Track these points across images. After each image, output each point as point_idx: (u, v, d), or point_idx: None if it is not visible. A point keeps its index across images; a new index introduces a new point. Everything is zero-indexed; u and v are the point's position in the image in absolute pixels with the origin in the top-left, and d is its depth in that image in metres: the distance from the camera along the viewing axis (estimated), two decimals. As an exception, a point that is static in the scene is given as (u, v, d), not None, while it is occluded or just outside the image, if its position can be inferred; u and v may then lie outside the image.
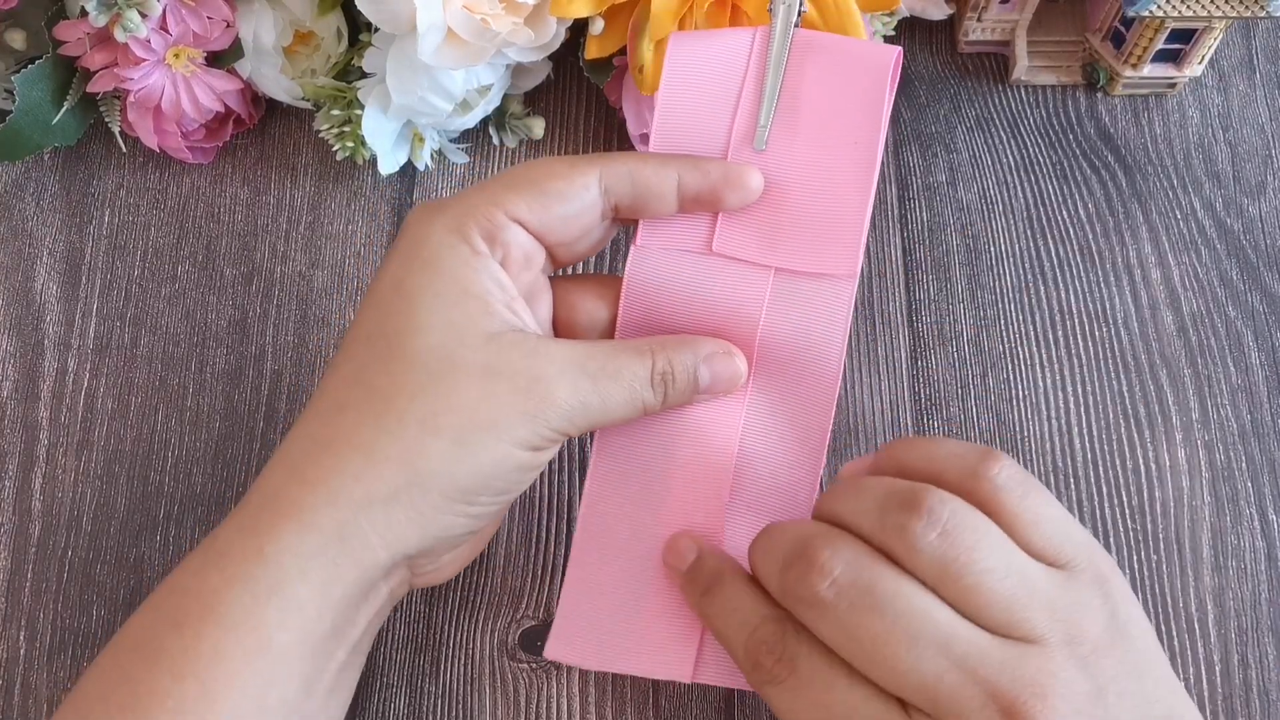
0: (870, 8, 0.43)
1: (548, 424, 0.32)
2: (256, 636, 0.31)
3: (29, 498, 0.44)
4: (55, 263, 0.48)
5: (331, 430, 0.32)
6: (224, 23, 0.44)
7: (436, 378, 0.32)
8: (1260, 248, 0.48)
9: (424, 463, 0.31)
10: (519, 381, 0.32)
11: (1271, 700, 0.41)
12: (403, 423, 0.31)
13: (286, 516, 0.31)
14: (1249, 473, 0.44)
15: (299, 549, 0.31)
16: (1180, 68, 0.49)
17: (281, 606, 0.31)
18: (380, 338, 0.32)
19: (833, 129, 0.35)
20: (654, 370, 0.34)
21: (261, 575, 0.31)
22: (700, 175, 0.34)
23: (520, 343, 0.32)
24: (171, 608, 0.32)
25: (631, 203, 0.34)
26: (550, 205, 0.33)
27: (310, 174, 0.49)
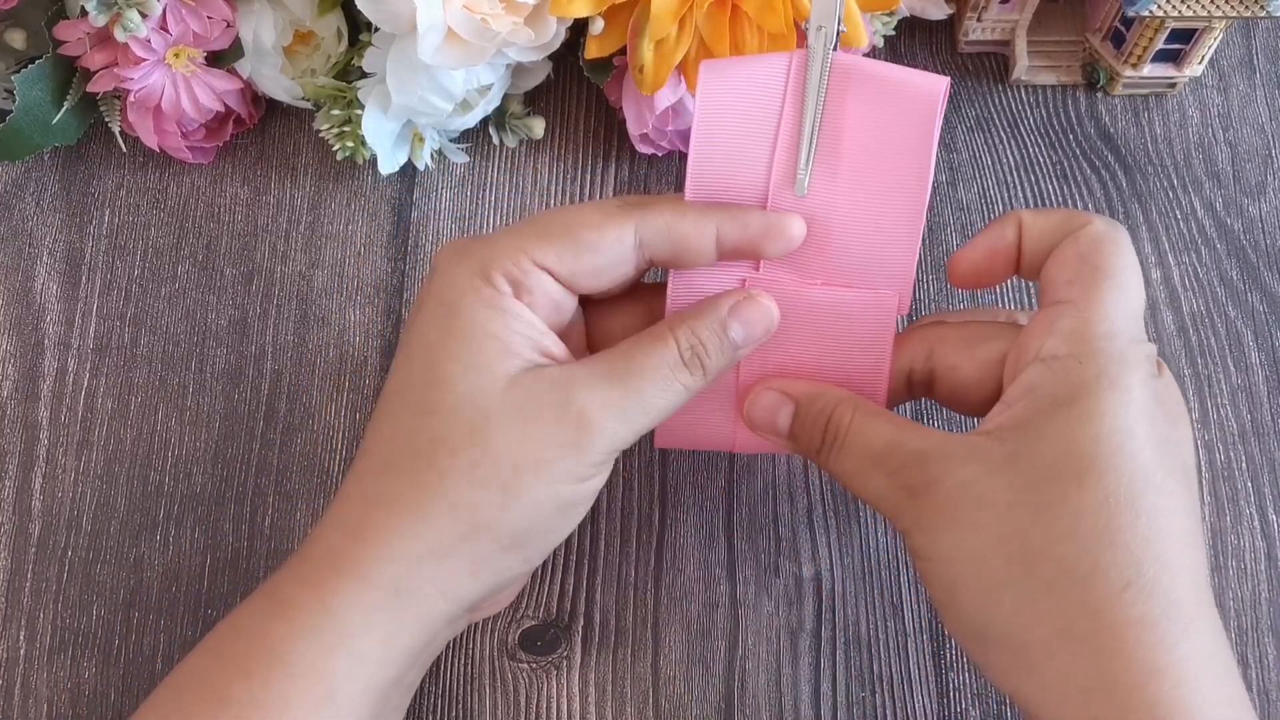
0: (870, 8, 0.43)
1: (593, 449, 0.31)
2: (324, 687, 0.31)
3: (29, 498, 0.44)
4: (55, 263, 0.48)
5: (382, 489, 0.32)
6: (224, 22, 0.44)
7: (470, 429, 0.31)
8: (1260, 248, 0.48)
9: (473, 515, 0.31)
10: (550, 415, 0.31)
11: (1271, 700, 0.41)
12: (445, 479, 0.31)
13: (347, 574, 0.31)
14: (1249, 472, 0.44)
15: (362, 604, 0.31)
16: (1180, 68, 0.49)
17: (348, 659, 0.31)
18: (411, 391, 0.32)
19: (878, 167, 0.33)
20: (680, 350, 0.33)
21: (328, 628, 0.31)
22: (739, 227, 0.33)
23: (544, 376, 0.32)
24: (236, 654, 0.32)
25: (669, 256, 0.33)
26: (582, 256, 0.32)
27: (310, 174, 0.49)
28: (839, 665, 0.41)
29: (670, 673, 0.41)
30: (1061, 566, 0.29)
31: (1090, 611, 0.28)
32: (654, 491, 0.44)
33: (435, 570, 0.32)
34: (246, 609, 0.33)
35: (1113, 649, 0.28)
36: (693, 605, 0.42)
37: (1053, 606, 0.29)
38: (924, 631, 0.41)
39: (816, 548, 0.43)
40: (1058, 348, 0.31)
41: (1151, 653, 0.28)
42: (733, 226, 0.33)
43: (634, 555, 0.43)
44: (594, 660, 0.41)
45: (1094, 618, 0.28)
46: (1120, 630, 0.28)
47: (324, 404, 0.45)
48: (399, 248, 0.48)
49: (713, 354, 0.33)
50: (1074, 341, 0.30)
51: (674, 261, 0.33)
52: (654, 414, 0.32)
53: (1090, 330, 0.30)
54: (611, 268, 0.33)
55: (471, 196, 0.49)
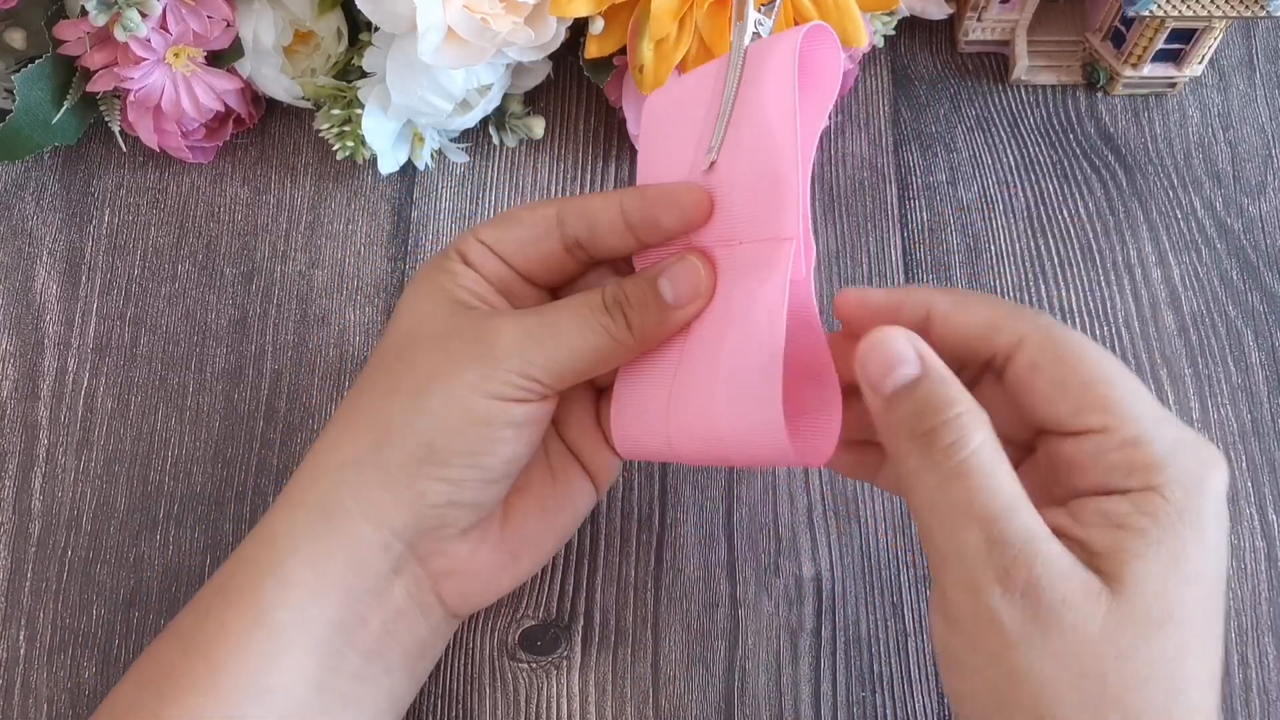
0: (870, 7, 0.43)
1: (500, 365, 0.32)
2: (255, 612, 0.32)
3: (29, 497, 0.44)
4: (55, 262, 0.48)
5: (327, 425, 0.35)
6: (224, 22, 0.44)
7: (401, 352, 0.34)
8: (1260, 247, 0.48)
9: (385, 420, 0.33)
10: (467, 334, 0.33)
11: (1271, 700, 0.41)
12: (371, 394, 0.34)
13: (283, 501, 0.34)
14: (1249, 472, 0.44)
15: (290, 527, 0.33)
16: (1180, 67, 0.49)
17: (276, 584, 0.32)
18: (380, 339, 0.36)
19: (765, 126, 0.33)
20: (604, 296, 0.34)
21: (262, 555, 0.33)
22: (637, 198, 0.34)
23: (476, 310, 0.34)
24: (199, 597, 0.34)
25: (587, 235, 0.35)
26: (510, 229, 0.35)
27: (310, 174, 0.49)
28: (839, 665, 0.41)
29: (670, 673, 0.41)
30: (1129, 715, 0.28)
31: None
32: (654, 491, 0.44)
33: (352, 480, 0.33)
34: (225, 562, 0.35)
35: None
36: (693, 605, 0.42)
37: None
38: (924, 631, 0.41)
39: (816, 548, 0.43)
40: (1126, 481, 0.29)
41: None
42: (632, 198, 0.35)
43: (634, 555, 0.43)
44: (594, 660, 0.41)
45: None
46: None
47: (324, 404, 0.45)
48: (399, 248, 0.48)
49: (635, 304, 0.34)
50: (1142, 474, 0.29)
51: (592, 240, 0.35)
52: (569, 349, 0.33)
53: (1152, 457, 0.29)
54: (534, 241, 0.35)
55: (471, 196, 0.49)
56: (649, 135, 0.37)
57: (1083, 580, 0.28)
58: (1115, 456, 0.29)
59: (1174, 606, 0.28)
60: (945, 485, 0.29)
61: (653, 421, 0.35)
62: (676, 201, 0.34)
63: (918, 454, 0.30)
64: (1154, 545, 0.28)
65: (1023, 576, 0.28)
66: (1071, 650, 0.28)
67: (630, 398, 0.36)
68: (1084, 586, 0.28)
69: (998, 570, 0.28)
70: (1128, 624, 0.28)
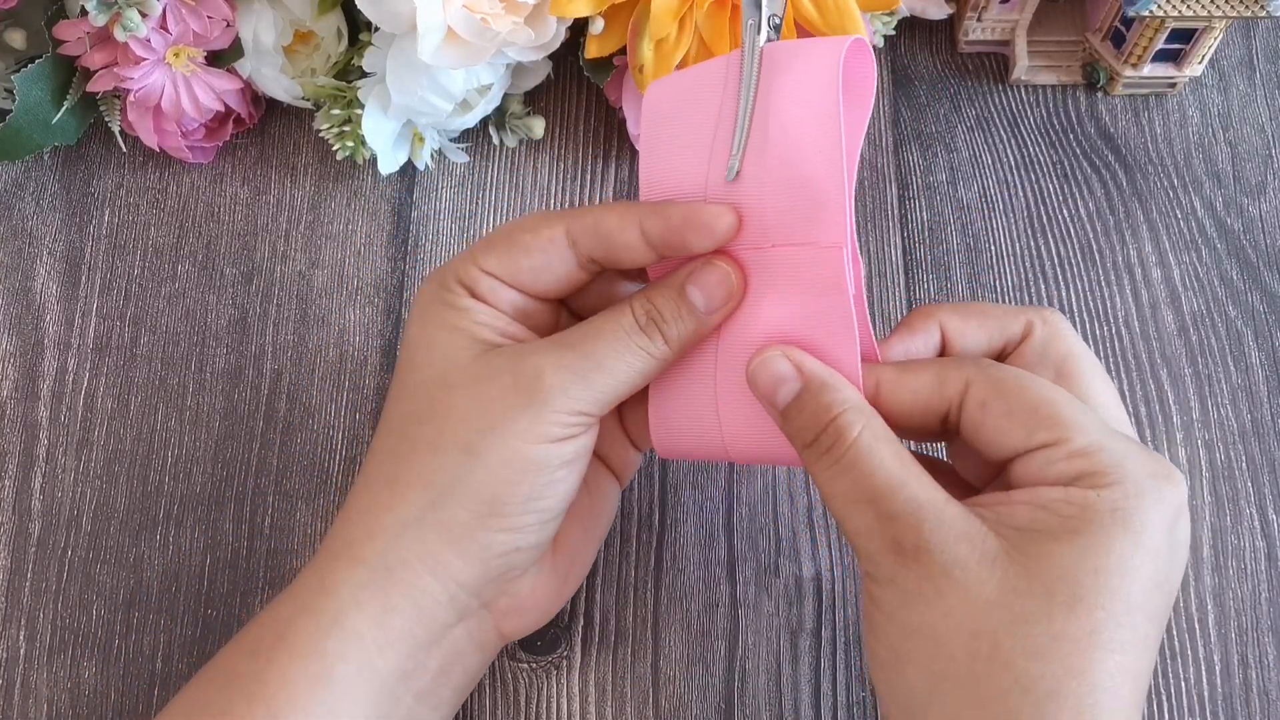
0: (870, 8, 0.43)
1: (548, 406, 0.32)
2: (320, 665, 0.32)
3: (29, 497, 0.44)
4: (55, 262, 0.48)
5: (370, 476, 0.34)
6: (224, 22, 0.44)
7: (434, 402, 0.33)
8: (1260, 248, 0.48)
9: (439, 478, 0.32)
10: (506, 379, 0.32)
11: (1271, 700, 0.41)
12: (414, 449, 0.33)
13: (340, 554, 0.33)
14: (1249, 472, 0.44)
15: (353, 581, 0.32)
16: (1180, 67, 0.49)
17: (341, 637, 0.32)
18: (394, 389, 0.35)
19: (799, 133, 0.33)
20: (635, 315, 0.33)
21: (325, 607, 0.32)
22: (661, 221, 0.33)
23: (505, 350, 0.33)
24: (250, 638, 0.33)
25: (603, 254, 0.34)
26: (517, 258, 0.34)
27: (310, 174, 0.49)
28: (839, 665, 0.41)
29: (670, 673, 0.41)
30: (1022, 681, 0.28)
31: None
32: (654, 491, 0.44)
33: (415, 542, 0.32)
34: (272, 602, 0.34)
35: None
36: (693, 605, 0.42)
37: (998, 716, 0.28)
38: (924, 631, 0.41)
39: (816, 548, 0.43)
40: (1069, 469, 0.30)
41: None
42: (654, 220, 0.33)
43: (634, 555, 0.43)
44: (594, 660, 0.41)
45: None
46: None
47: (324, 404, 0.45)
48: (399, 248, 0.48)
49: (669, 318, 0.33)
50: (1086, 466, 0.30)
51: (609, 258, 0.34)
52: (614, 376, 0.33)
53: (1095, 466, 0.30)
54: (549, 266, 0.34)
55: (471, 196, 0.49)
56: (651, 135, 0.35)
57: (980, 545, 0.29)
58: (1063, 465, 0.30)
59: (1086, 593, 0.28)
60: (837, 480, 0.31)
61: (702, 420, 0.35)
62: (708, 226, 0.33)
63: (814, 460, 0.32)
64: (1072, 531, 0.29)
65: (911, 541, 0.29)
66: (963, 608, 0.29)
67: (670, 399, 0.36)
68: (980, 550, 0.29)
69: (889, 541, 0.30)
70: (1026, 595, 0.29)
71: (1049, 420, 0.31)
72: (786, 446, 0.34)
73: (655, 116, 0.35)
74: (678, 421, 0.36)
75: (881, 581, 0.30)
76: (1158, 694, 0.41)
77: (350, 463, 0.44)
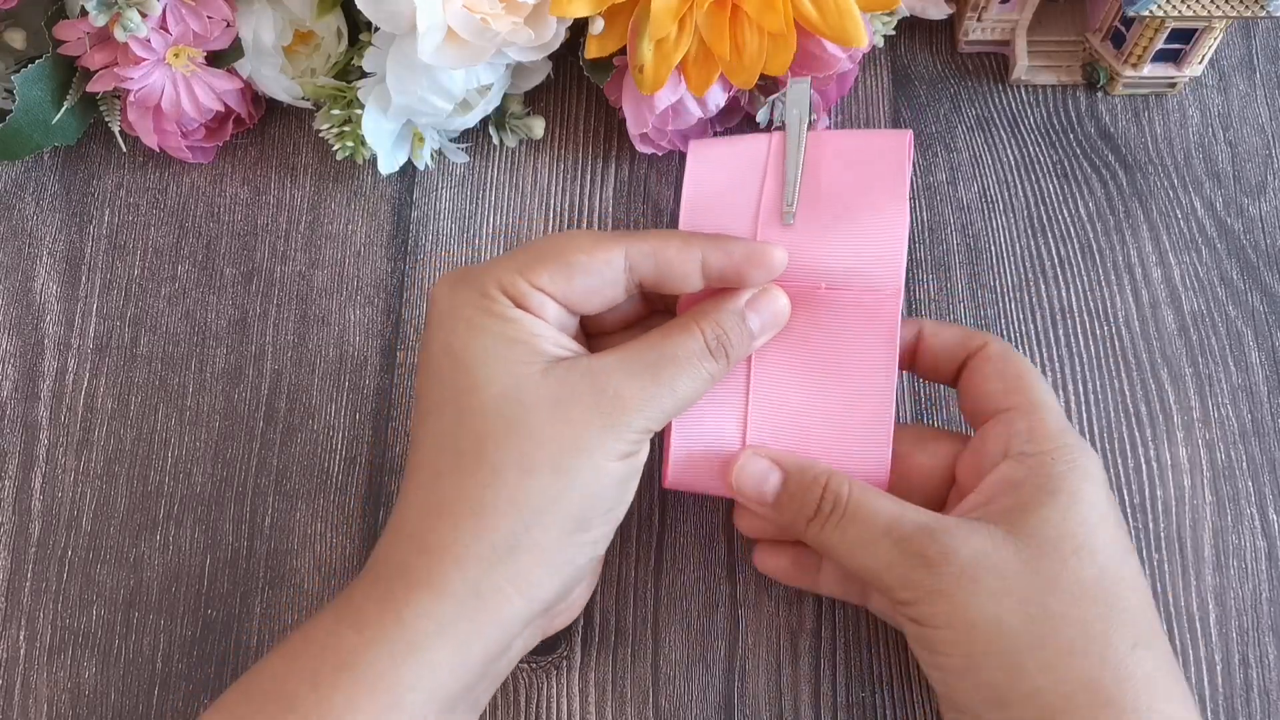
0: (870, 8, 0.43)
1: (629, 428, 0.33)
2: (391, 697, 0.31)
3: (29, 498, 0.44)
4: (55, 263, 0.48)
5: (438, 497, 0.33)
6: (224, 22, 0.44)
7: (513, 423, 0.33)
8: (1260, 247, 0.48)
9: (532, 502, 0.32)
10: (587, 400, 0.33)
11: (1271, 700, 0.41)
12: (498, 474, 0.32)
13: (420, 585, 0.32)
14: (1249, 472, 0.44)
15: (438, 614, 0.32)
16: (1180, 67, 0.49)
17: (418, 668, 0.32)
18: (449, 403, 0.34)
19: (857, 195, 0.37)
20: (706, 340, 0.35)
21: (399, 638, 0.32)
22: (724, 255, 0.35)
23: (576, 365, 0.34)
24: (307, 661, 0.32)
25: (656, 280, 0.35)
26: (573, 278, 0.34)
27: (310, 174, 0.49)
28: (839, 665, 0.41)
29: (670, 673, 0.41)
30: (1079, 628, 0.32)
31: (1110, 669, 0.32)
32: (654, 491, 0.44)
33: (509, 568, 0.32)
34: (317, 622, 0.33)
35: (1133, 702, 0.32)
36: (693, 605, 0.42)
37: (1076, 665, 0.32)
38: (924, 631, 0.41)
39: (816, 547, 0.43)
40: (1025, 446, 0.36)
41: (1164, 703, 0.32)
42: (718, 254, 0.35)
43: (634, 555, 0.43)
44: (594, 660, 0.41)
45: (1114, 674, 0.32)
46: (1138, 685, 0.32)
47: (324, 404, 0.45)
48: (399, 248, 0.48)
49: (735, 342, 0.36)
50: (1038, 441, 0.36)
51: (660, 285, 0.36)
52: (681, 398, 0.35)
53: (1047, 430, 0.36)
54: (602, 289, 0.35)
55: (471, 196, 0.49)
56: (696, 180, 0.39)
57: (988, 534, 0.34)
58: (1022, 424, 0.36)
59: (1083, 539, 0.34)
60: (848, 532, 0.35)
61: (723, 456, 0.38)
62: (767, 262, 0.36)
63: (820, 528, 0.36)
64: (1049, 495, 0.34)
65: (935, 550, 0.33)
66: (1004, 586, 0.33)
67: (693, 430, 0.38)
68: (990, 538, 0.34)
69: (914, 559, 0.34)
70: (1042, 557, 0.33)
71: (1023, 390, 0.37)
72: None
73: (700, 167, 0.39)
74: (699, 456, 0.38)
75: (921, 600, 0.34)
76: (1158, 694, 0.41)
77: (350, 463, 0.44)
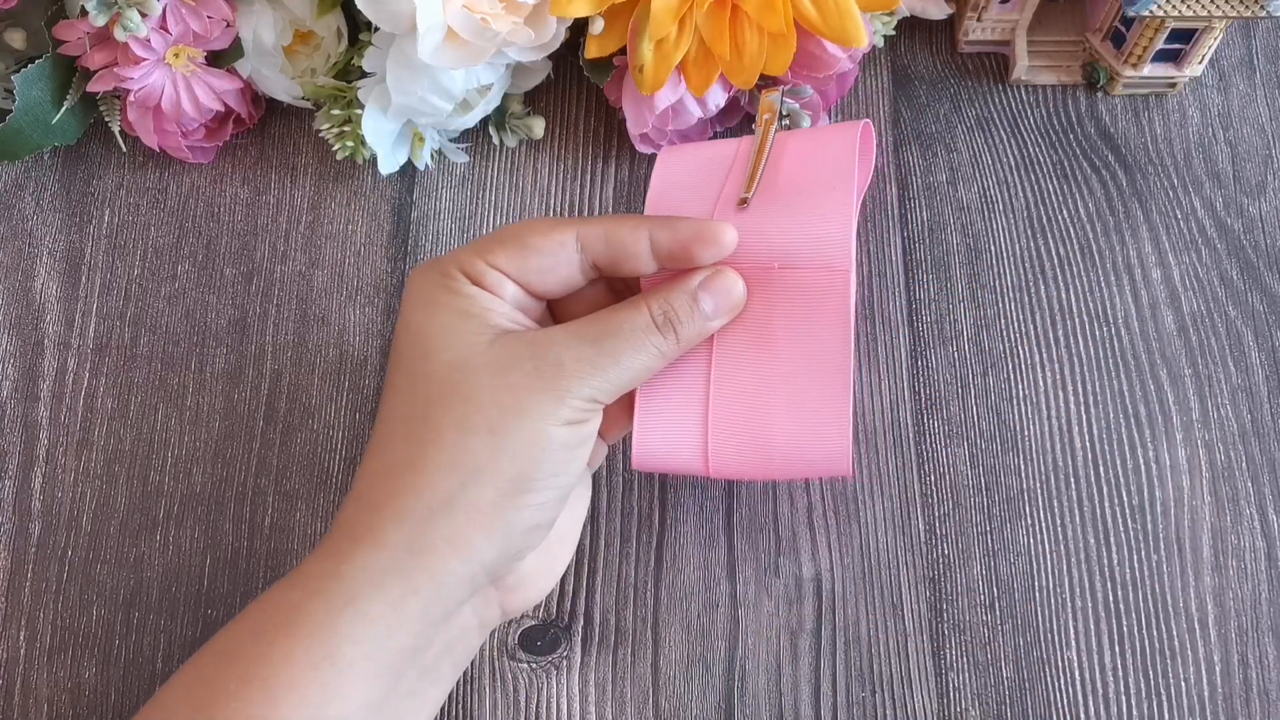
0: (870, 8, 0.43)
1: (570, 394, 0.34)
2: (325, 647, 0.32)
3: (29, 498, 0.44)
4: (55, 262, 0.48)
5: (386, 460, 0.35)
6: (224, 22, 0.44)
7: (456, 386, 0.34)
8: (1260, 248, 0.48)
9: (469, 460, 0.33)
10: (529, 366, 0.34)
11: (1271, 700, 0.41)
12: (440, 433, 0.34)
13: (360, 539, 0.33)
14: (1249, 472, 0.44)
15: (373, 565, 0.33)
16: (1180, 67, 0.49)
17: (353, 619, 0.32)
18: (404, 375, 0.35)
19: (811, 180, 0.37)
20: (653, 315, 0.35)
21: (336, 590, 0.33)
22: (671, 233, 0.36)
23: (522, 336, 0.35)
24: (253, 619, 0.34)
25: (609, 261, 0.36)
26: (528, 258, 0.35)
27: (310, 174, 0.49)
28: (839, 665, 0.41)
29: (670, 673, 0.41)
30: None
31: None
32: (654, 491, 0.44)
33: (444, 525, 0.33)
34: (275, 584, 0.34)
35: None
36: (693, 605, 0.42)
37: None
38: (924, 631, 0.42)
39: (816, 548, 0.43)
40: None
41: None
42: (665, 233, 0.36)
43: (634, 555, 0.43)
44: (594, 660, 0.41)
45: None
46: None
47: (324, 404, 0.45)
48: (399, 248, 0.48)
49: (684, 320, 0.36)
50: None
51: (615, 267, 0.36)
52: (629, 371, 0.35)
53: None
54: (556, 268, 0.36)
55: (471, 196, 0.49)
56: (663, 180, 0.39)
57: None
58: None
59: None
60: None
61: (687, 435, 0.38)
62: (714, 240, 0.36)
63: None
64: None
65: None
66: None
67: (657, 412, 0.38)
68: None
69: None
70: None
71: None
72: (771, 463, 0.37)
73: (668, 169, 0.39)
74: (662, 434, 0.38)
75: None
76: (1158, 694, 0.41)
77: (350, 463, 0.44)
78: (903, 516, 0.43)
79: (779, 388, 0.37)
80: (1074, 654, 0.41)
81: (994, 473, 0.44)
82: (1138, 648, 0.41)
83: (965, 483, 0.44)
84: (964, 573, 0.42)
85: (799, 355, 0.37)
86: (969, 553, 0.43)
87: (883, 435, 0.44)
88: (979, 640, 0.41)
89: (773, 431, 0.37)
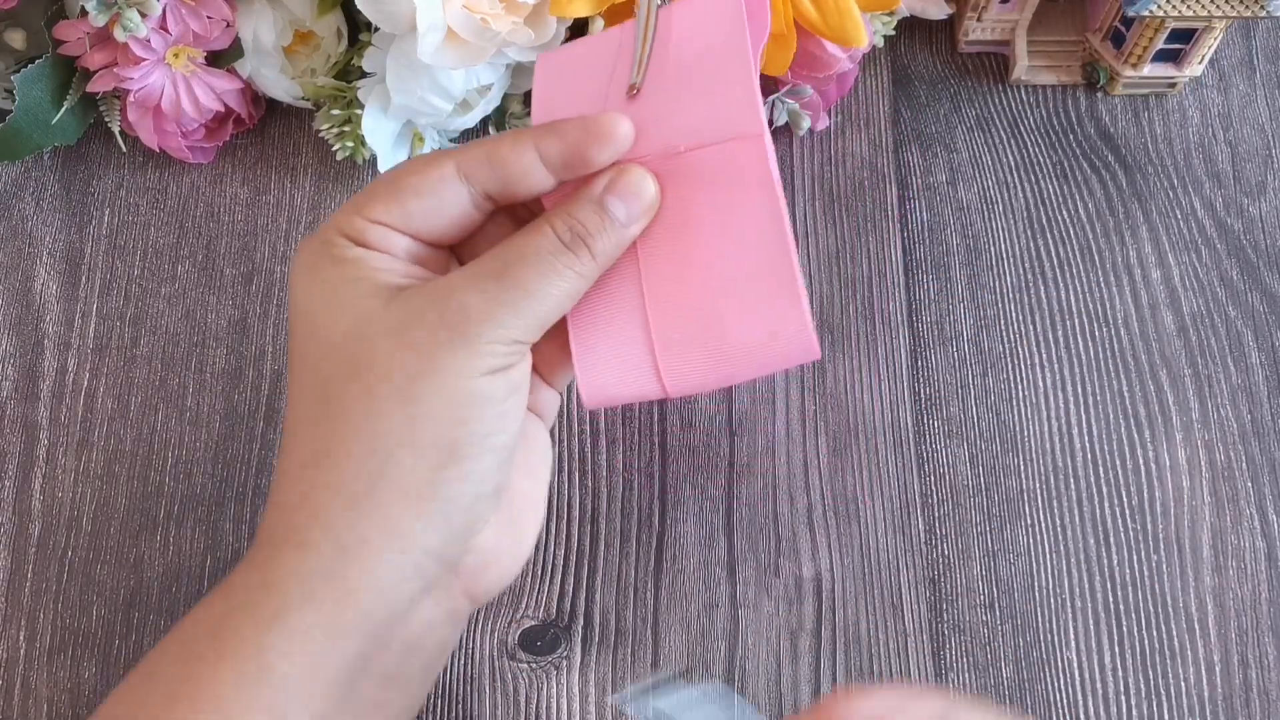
0: (870, 8, 0.43)
1: (481, 339, 0.30)
2: (256, 664, 0.29)
3: (29, 498, 0.44)
4: (55, 263, 0.48)
5: (295, 456, 0.31)
6: (224, 22, 0.44)
7: (354, 357, 0.30)
8: (1260, 248, 0.48)
9: (381, 440, 0.30)
10: (430, 318, 0.30)
11: (1271, 700, 0.41)
12: (345, 415, 0.30)
13: (281, 546, 0.30)
14: (1249, 472, 0.44)
15: (300, 571, 0.30)
16: (1180, 67, 0.49)
17: (283, 633, 0.29)
18: (298, 358, 0.32)
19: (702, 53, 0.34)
20: (558, 233, 0.31)
21: (264, 603, 0.29)
22: (558, 139, 0.32)
23: (421, 289, 0.31)
24: (181, 636, 0.31)
25: (499, 186, 0.32)
26: (407, 202, 0.32)
27: (310, 174, 0.49)
28: (839, 665, 0.41)
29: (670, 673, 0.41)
30: None
31: None
32: (654, 491, 0.44)
33: (371, 514, 0.30)
34: (203, 601, 0.32)
35: None
36: (693, 605, 0.42)
37: None
38: (924, 631, 0.42)
39: (816, 548, 0.43)
40: None
41: None
42: (551, 140, 0.32)
43: (634, 555, 0.43)
44: (594, 660, 0.41)
45: None
46: None
47: (324, 404, 0.45)
48: (399, 248, 0.48)
49: (595, 232, 0.32)
50: None
51: (508, 192, 0.32)
52: (545, 301, 0.31)
53: None
54: (442, 208, 0.32)
55: (471, 196, 0.49)
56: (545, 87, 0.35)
57: None
58: None
59: None
60: None
61: (634, 360, 0.34)
62: (605, 133, 0.32)
63: None
64: None
65: None
66: None
67: (595, 341, 0.34)
68: None
69: None
70: None
71: None
72: (732, 365, 0.33)
73: (549, 75, 0.35)
74: (606, 363, 0.34)
75: None
76: (1157, 694, 0.41)
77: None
78: (902, 517, 0.43)
79: (719, 281, 0.33)
80: (1074, 654, 0.41)
81: (994, 473, 0.44)
82: (1137, 648, 0.41)
83: (965, 483, 0.44)
84: (964, 573, 0.42)
85: (732, 239, 0.33)
86: (969, 553, 0.43)
87: (883, 435, 0.44)
88: (979, 640, 0.41)
89: (725, 329, 0.33)
